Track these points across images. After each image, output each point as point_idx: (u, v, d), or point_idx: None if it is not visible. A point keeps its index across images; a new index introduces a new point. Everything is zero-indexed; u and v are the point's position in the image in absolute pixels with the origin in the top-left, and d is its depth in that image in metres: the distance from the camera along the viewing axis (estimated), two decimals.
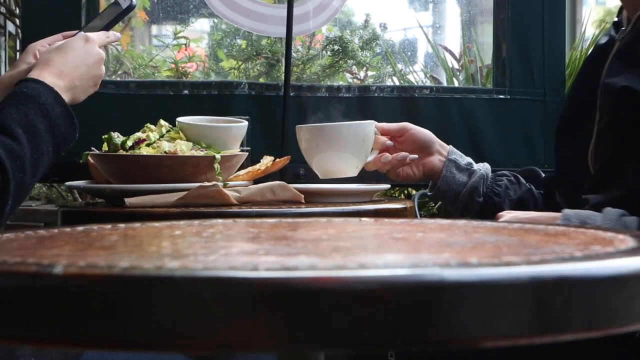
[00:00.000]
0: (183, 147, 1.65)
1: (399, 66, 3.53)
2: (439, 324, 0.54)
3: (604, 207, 1.30)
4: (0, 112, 1.35)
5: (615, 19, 1.61)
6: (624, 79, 1.41)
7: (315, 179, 1.78)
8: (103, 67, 1.56)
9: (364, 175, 1.81)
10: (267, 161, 1.77)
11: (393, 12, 3.61)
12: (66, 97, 1.45)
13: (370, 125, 1.66)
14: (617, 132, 1.40)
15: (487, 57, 2.99)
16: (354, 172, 1.68)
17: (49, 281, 0.55)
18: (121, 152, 1.65)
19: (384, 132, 1.72)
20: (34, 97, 1.38)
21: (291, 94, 2.41)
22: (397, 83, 3.35)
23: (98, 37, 1.57)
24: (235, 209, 1.55)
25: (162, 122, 1.73)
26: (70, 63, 1.49)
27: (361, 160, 1.67)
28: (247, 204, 1.61)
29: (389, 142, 1.71)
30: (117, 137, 1.67)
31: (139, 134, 1.68)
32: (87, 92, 1.53)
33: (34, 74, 1.44)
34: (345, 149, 1.64)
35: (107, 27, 1.65)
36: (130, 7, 1.69)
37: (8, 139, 1.31)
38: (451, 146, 1.76)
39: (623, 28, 1.55)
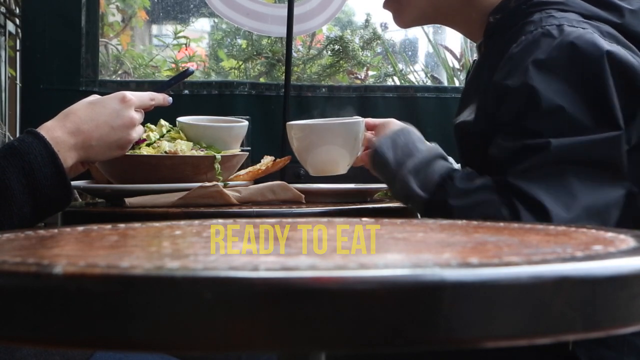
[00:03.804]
0: (183, 147, 1.65)
1: (400, 66, 3.53)
2: (439, 324, 0.54)
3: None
4: None
5: None
6: (467, 114, 1.46)
7: (315, 179, 1.77)
8: (134, 132, 1.45)
9: (364, 176, 1.81)
10: (267, 161, 1.77)
11: None
12: (74, 155, 1.38)
13: (362, 123, 1.66)
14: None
15: None
16: (345, 170, 1.68)
17: (49, 281, 0.55)
18: None
19: (369, 127, 1.71)
20: (22, 153, 1.30)
21: (292, 94, 2.41)
22: (398, 83, 3.35)
23: (139, 99, 1.47)
24: (235, 209, 1.55)
25: (162, 122, 1.73)
26: (93, 121, 1.40)
27: (352, 157, 1.67)
28: (248, 204, 1.61)
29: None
30: None
31: None
32: (107, 155, 1.44)
33: (47, 125, 1.37)
34: (339, 146, 1.64)
35: (160, 89, 1.58)
36: (190, 73, 1.66)
37: None
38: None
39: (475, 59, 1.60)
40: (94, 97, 1.46)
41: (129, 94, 1.46)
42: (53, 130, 1.36)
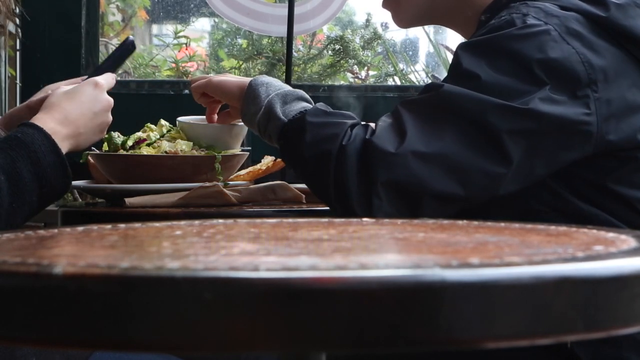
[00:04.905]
0: (183, 147, 1.64)
1: (401, 66, 3.53)
2: (440, 325, 0.54)
3: None
4: None
5: None
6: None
7: None
8: (110, 114, 1.50)
9: None
10: (267, 161, 1.77)
11: None
12: (67, 144, 1.41)
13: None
14: None
15: None
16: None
17: (49, 281, 0.55)
18: (121, 152, 1.65)
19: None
20: (26, 143, 1.33)
21: None
22: (399, 83, 3.35)
23: (107, 81, 1.51)
24: (235, 209, 1.55)
25: (162, 121, 1.73)
26: (77, 109, 1.44)
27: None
28: (248, 203, 1.61)
29: None
30: (118, 137, 1.67)
31: (139, 134, 1.68)
32: (92, 140, 1.48)
33: (37, 118, 1.40)
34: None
35: (113, 68, 1.60)
36: (133, 47, 1.67)
37: None
38: None
39: None
40: (64, 87, 1.49)
41: (99, 79, 1.49)
42: (45, 122, 1.39)
